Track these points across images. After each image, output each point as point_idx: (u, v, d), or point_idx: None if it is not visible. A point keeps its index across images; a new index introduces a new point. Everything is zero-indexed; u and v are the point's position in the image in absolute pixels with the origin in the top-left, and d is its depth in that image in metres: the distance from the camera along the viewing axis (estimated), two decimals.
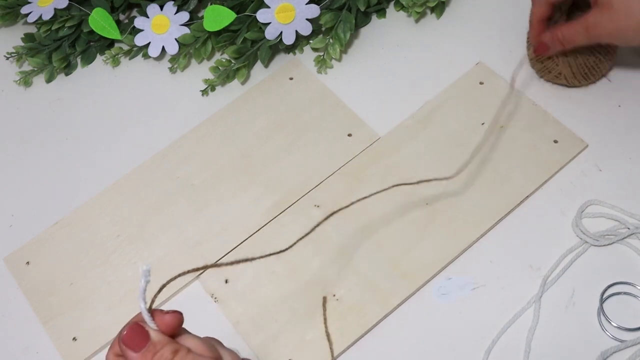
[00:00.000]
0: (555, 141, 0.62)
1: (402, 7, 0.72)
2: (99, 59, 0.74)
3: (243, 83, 0.70)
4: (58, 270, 0.60)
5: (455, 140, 0.63)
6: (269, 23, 0.67)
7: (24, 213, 0.64)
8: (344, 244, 0.58)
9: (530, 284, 0.56)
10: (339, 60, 0.70)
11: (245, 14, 0.69)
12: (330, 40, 0.69)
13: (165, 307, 0.58)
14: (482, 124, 0.63)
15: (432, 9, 0.72)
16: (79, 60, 0.74)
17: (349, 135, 0.65)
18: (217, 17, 0.68)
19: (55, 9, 0.72)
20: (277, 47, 0.70)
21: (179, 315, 0.38)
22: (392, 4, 0.74)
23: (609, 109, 0.64)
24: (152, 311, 0.37)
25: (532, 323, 0.54)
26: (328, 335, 0.54)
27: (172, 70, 0.72)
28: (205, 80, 0.69)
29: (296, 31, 0.68)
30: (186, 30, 0.70)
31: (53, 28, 0.72)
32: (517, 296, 0.55)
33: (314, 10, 0.67)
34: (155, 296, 0.37)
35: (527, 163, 0.61)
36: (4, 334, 0.58)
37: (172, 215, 0.62)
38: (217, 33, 0.69)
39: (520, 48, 0.68)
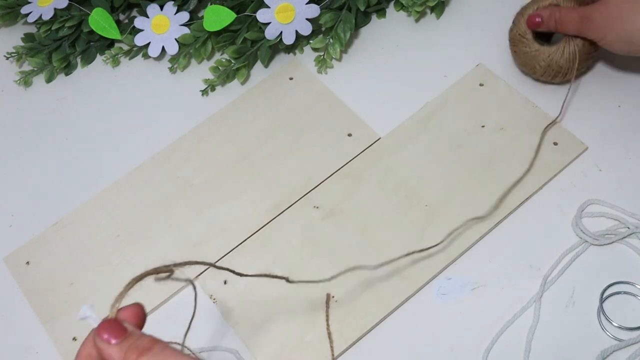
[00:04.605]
0: (555, 143, 0.62)
1: (402, 7, 0.72)
2: (99, 59, 0.74)
3: (243, 83, 0.70)
4: (58, 270, 0.60)
5: (456, 142, 0.63)
6: (269, 23, 0.67)
7: (24, 213, 0.64)
8: (343, 245, 0.58)
9: (530, 283, 0.56)
10: (339, 60, 0.70)
11: (245, 14, 0.69)
12: (330, 40, 0.69)
13: (163, 309, 0.59)
14: (483, 126, 0.63)
15: (432, 9, 0.72)
16: (79, 60, 0.74)
17: (349, 135, 0.65)
18: (217, 17, 0.68)
19: (55, 9, 0.72)
20: (277, 47, 0.70)
21: (139, 307, 0.37)
22: (392, 3, 0.74)
23: (609, 109, 0.64)
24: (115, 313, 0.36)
25: (532, 323, 0.54)
26: (329, 333, 0.54)
27: (172, 70, 0.72)
28: (205, 80, 0.69)
29: (296, 31, 0.68)
30: (186, 30, 0.70)
31: (53, 28, 0.72)
32: (517, 296, 0.55)
33: (314, 10, 0.67)
34: (123, 295, 0.36)
35: (527, 165, 0.61)
36: (4, 334, 0.58)
37: (172, 215, 0.62)
38: (217, 33, 0.69)
39: None
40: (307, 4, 0.67)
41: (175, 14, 0.71)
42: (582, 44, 0.61)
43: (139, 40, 0.71)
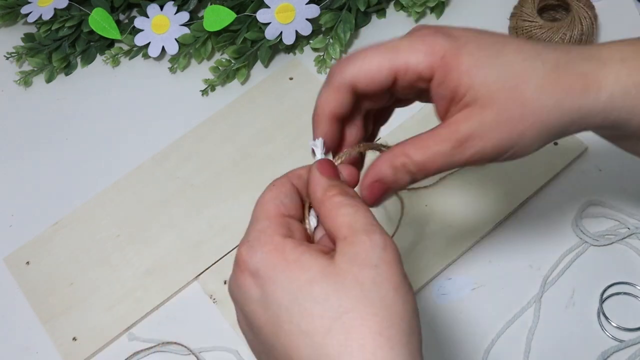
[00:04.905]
0: (555, 143, 0.62)
1: (402, 7, 0.72)
2: (99, 59, 0.74)
3: (243, 83, 0.70)
4: (58, 270, 0.60)
5: None
6: (269, 23, 0.67)
7: (24, 213, 0.64)
8: None
9: (530, 284, 0.56)
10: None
11: (245, 14, 0.68)
12: (330, 40, 0.69)
13: (163, 309, 0.59)
14: None
15: (432, 9, 0.72)
16: (79, 60, 0.74)
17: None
18: (217, 17, 0.68)
19: (55, 9, 0.72)
20: (277, 47, 0.70)
21: (357, 171, 0.38)
22: (392, 4, 0.74)
23: None
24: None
25: (532, 323, 0.54)
26: None
27: (172, 70, 0.72)
28: (205, 80, 0.69)
29: (296, 31, 0.68)
30: (186, 30, 0.70)
31: (53, 28, 0.72)
32: (517, 296, 0.55)
33: (314, 10, 0.67)
34: (351, 152, 0.38)
35: (527, 165, 0.61)
36: (4, 334, 0.58)
37: (172, 215, 0.62)
38: (217, 33, 0.69)
39: None
40: (307, 4, 0.67)
41: (175, 14, 0.71)
42: (590, 11, 0.61)
43: (139, 40, 0.71)
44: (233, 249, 0.59)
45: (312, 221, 0.36)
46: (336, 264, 0.31)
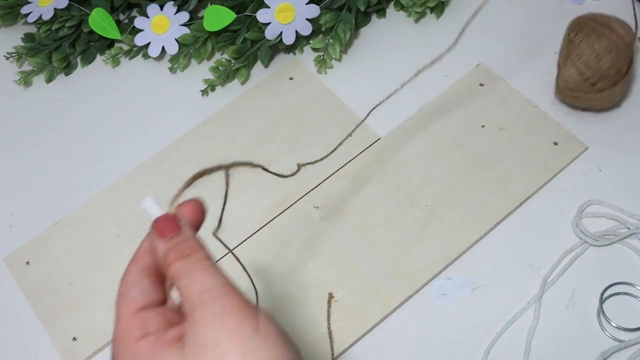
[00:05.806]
0: (555, 143, 0.62)
1: (402, 7, 0.72)
2: (99, 59, 0.74)
3: (243, 83, 0.70)
4: (58, 270, 0.60)
5: (456, 142, 0.63)
6: (269, 23, 0.67)
7: (24, 213, 0.64)
8: (343, 245, 0.58)
9: (530, 284, 0.56)
10: (339, 60, 0.70)
11: (245, 14, 0.69)
12: (330, 40, 0.69)
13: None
14: (483, 126, 0.63)
15: (432, 9, 0.72)
16: (79, 60, 0.74)
17: (349, 135, 0.65)
18: (217, 17, 0.68)
19: (55, 9, 0.72)
20: (277, 47, 0.70)
21: (197, 202, 0.37)
22: (392, 4, 0.74)
23: (609, 109, 0.64)
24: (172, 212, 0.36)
25: (532, 323, 0.54)
26: (330, 333, 0.54)
27: (172, 70, 0.72)
28: (205, 80, 0.69)
29: (296, 31, 0.68)
30: (186, 30, 0.70)
31: (53, 28, 0.72)
32: (517, 296, 0.55)
33: (314, 10, 0.67)
34: (178, 195, 0.37)
35: (526, 165, 0.61)
36: (4, 334, 0.58)
37: None
38: (217, 33, 0.69)
39: (522, 49, 0.68)
40: (307, 4, 0.67)
41: (175, 14, 0.71)
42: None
43: (139, 40, 0.71)
44: (233, 249, 0.59)
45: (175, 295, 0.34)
46: (185, 356, 0.29)
